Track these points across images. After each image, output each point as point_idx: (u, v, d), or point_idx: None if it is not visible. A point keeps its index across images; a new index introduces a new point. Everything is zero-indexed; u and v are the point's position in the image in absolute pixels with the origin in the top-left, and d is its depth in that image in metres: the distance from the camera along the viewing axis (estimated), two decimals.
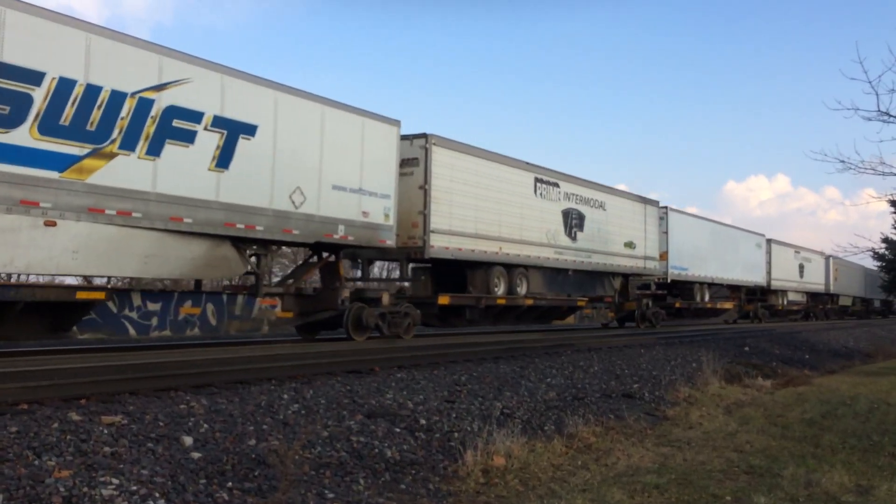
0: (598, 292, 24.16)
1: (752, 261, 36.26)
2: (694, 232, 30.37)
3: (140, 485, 4.95)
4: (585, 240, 22.16)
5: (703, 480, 6.71)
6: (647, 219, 26.18)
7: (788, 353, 20.65)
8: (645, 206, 26.32)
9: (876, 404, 11.81)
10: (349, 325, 14.33)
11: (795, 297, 44.06)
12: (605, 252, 23.23)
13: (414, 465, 6.70)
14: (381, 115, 15.18)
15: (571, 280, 22.11)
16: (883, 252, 39.88)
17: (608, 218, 23.54)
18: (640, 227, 25.58)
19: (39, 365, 8.73)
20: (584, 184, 22.57)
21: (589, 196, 22.68)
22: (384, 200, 15.06)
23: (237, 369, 9.30)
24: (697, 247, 30.43)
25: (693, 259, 29.85)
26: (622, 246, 24.32)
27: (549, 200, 20.63)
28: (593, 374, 12.47)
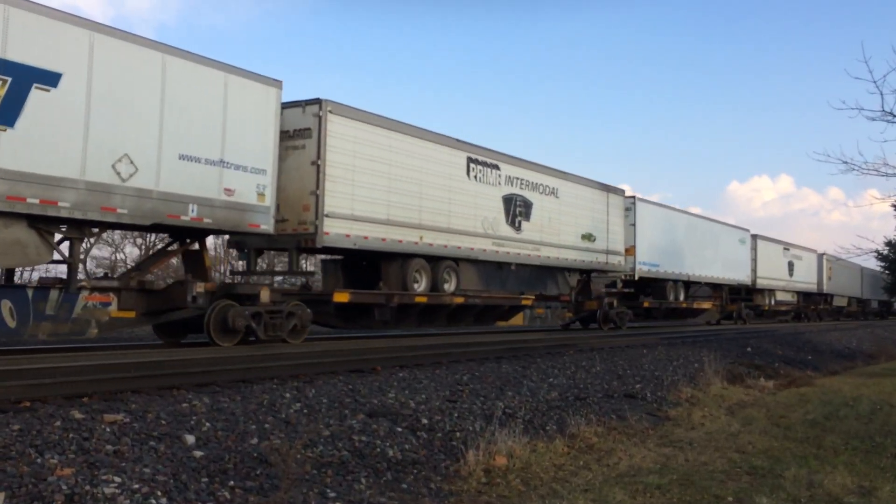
0: (550, 290, 21.68)
1: (735, 257, 33.93)
2: (666, 225, 27.92)
3: (142, 483, 4.96)
4: (533, 230, 19.68)
5: (705, 481, 6.70)
6: (609, 209, 23.60)
7: (791, 354, 20.62)
8: (607, 195, 23.67)
9: (879, 405, 11.79)
10: (210, 327, 11.83)
11: (784, 297, 41.34)
12: (557, 245, 20.72)
13: (416, 464, 6.71)
14: (253, 72, 12.63)
15: (515, 276, 19.63)
16: (886, 253, 39.83)
17: (561, 206, 20.99)
18: (601, 218, 23.08)
19: (42, 363, 8.74)
20: (531, 167, 19.97)
21: (537, 181, 20.04)
22: (258, 177, 12.46)
23: (239, 368, 9.31)
24: (671, 241, 28.04)
25: (666, 255, 27.42)
26: (579, 238, 21.72)
27: (487, 184, 18.13)
28: (595, 374, 12.46)
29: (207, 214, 11.73)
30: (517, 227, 19.12)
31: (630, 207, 25.34)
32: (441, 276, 16.91)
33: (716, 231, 32.61)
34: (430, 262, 16.59)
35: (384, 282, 15.82)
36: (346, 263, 16.74)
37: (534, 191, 19.89)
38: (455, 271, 17.33)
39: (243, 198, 12.24)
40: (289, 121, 13.84)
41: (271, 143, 12.80)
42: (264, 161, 12.63)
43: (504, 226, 18.69)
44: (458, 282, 17.41)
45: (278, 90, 12.99)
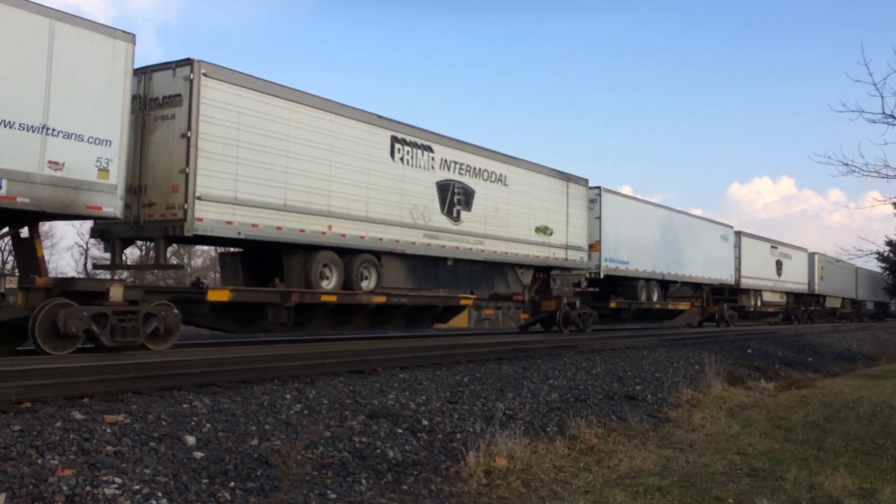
0: (498, 288, 19.66)
1: (717, 256, 31.80)
2: (637, 219, 25.73)
3: (142, 484, 4.96)
4: (475, 222, 17.64)
5: (705, 483, 6.70)
6: (570, 200, 21.46)
7: (791, 356, 20.61)
8: (567, 185, 21.39)
9: (879, 407, 11.78)
10: (36, 332, 9.78)
11: (772, 298, 38.82)
12: (506, 238, 18.64)
13: (416, 465, 6.71)
14: (93, 21, 10.73)
15: (454, 272, 17.54)
16: (887, 255, 39.80)
17: (511, 196, 18.91)
18: (559, 210, 20.92)
19: (42, 364, 8.74)
20: (473, 150, 17.88)
21: (481, 166, 18.02)
22: (99, 148, 10.42)
23: (240, 369, 9.31)
24: (643, 237, 25.90)
25: (637, 251, 25.38)
26: (532, 232, 19.64)
27: (417, 168, 16.03)
28: (596, 375, 12.46)
29: (23, 192, 9.61)
30: (455, 218, 17.07)
31: (595, 199, 23.27)
32: (357, 272, 14.80)
33: (695, 227, 30.56)
34: (344, 255, 14.60)
35: (285, 277, 13.84)
36: (247, 257, 14.61)
37: (476, 177, 17.82)
38: (375, 266, 15.27)
39: (77, 173, 10.16)
40: (158, 86, 11.93)
41: (119, 109, 10.68)
42: (108, 129, 10.53)
43: (439, 215, 16.64)
44: (378, 278, 15.34)
45: (129, 44, 10.86)
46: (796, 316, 43.04)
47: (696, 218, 31.38)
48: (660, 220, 27.47)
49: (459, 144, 17.56)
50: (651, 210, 27.36)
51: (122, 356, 9.89)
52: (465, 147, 17.75)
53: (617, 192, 25.33)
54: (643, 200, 27.53)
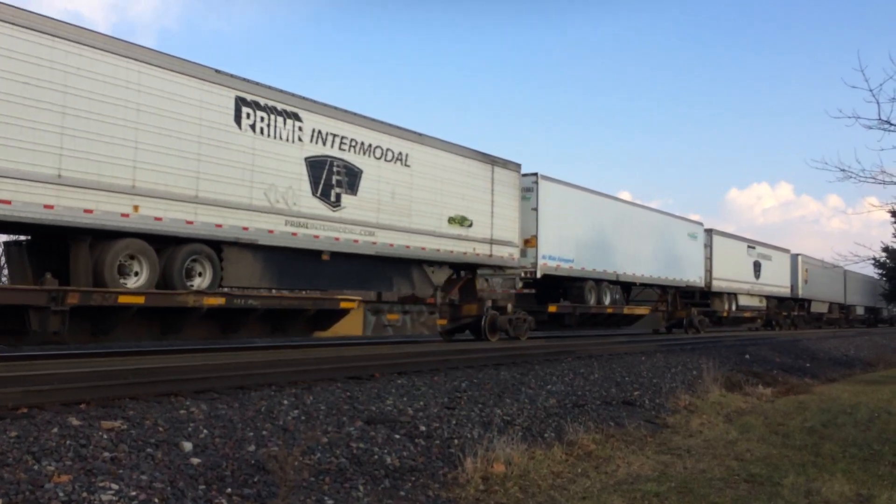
0: (400, 289, 16.84)
1: (684, 255, 29.00)
2: (586, 212, 22.90)
3: (139, 490, 4.95)
4: (363, 208, 14.89)
5: (703, 489, 6.69)
6: (497, 187, 18.52)
7: (789, 362, 20.61)
8: (492, 169, 18.45)
9: (877, 413, 11.78)
10: None
11: (749, 302, 36.10)
12: (406, 229, 15.89)
13: (414, 471, 6.70)
14: None
15: (332, 269, 14.64)
16: (884, 261, 39.84)
17: (415, 179, 16.18)
18: (482, 199, 18.09)
19: (39, 369, 8.73)
20: (361, 122, 14.96)
21: (371, 142, 15.10)
22: None
23: (237, 375, 9.30)
24: (593, 232, 23.12)
25: (585, 248, 22.62)
26: (445, 222, 16.95)
27: (277, 140, 13.22)
28: (594, 381, 12.45)
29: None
30: (333, 203, 14.22)
31: (531, 188, 20.38)
32: (180, 267, 11.89)
33: (658, 223, 27.51)
34: (160, 245, 11.74)
35: (71, 273, 10.95)
36: (33, 247, 11.59)
37: (366, 155, 14.96)
38: (212, 260, 12.35)
39: None
40: None
41: None
42: None
43: (309, 199, 13.82)
44: (216, 275, 12.45)
45: None
46: (778, 322, 40.46)
47: (658, 213, 28.51)
48: (614, 215, 24.66)
49: (340, 114, 14.57)
50: (603, 202, 24.30)
51: (120, 362, 9.87)
52: (349, 117, 14.74)
53: (559, 179, 21.91)
54: (593, 191, 24.01)
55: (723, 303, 33.32)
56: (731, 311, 34.23)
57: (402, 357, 12.88)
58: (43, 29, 10.12)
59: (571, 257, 22.01)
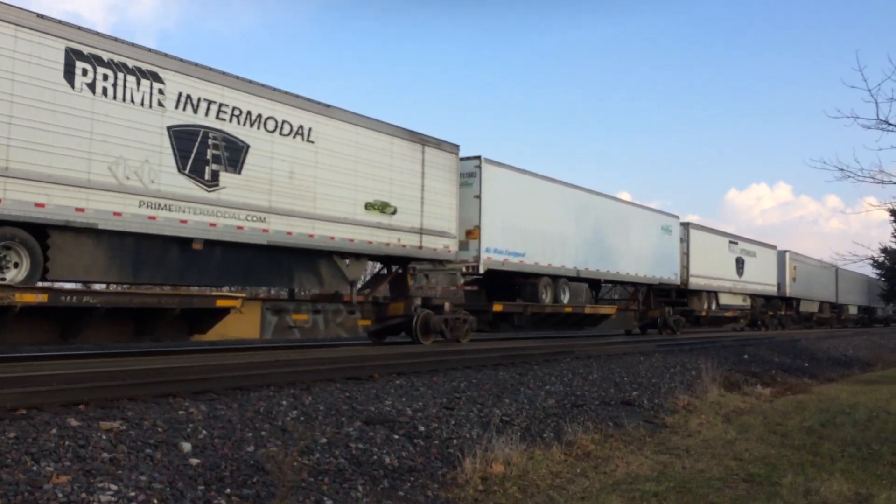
0: (303, 284, 14.82)
1: (656, 250, 26.85)
2: (539, 201, 20.56)
3: (138, 491, 4.95)
4: (251, 189, 12.76)
5: (701, 488, 6.70)
6: (428, 170, 16.46)
7: (788, 362, 20.62)
8: (423, 150, 16.36)
9: (875, 413, 11.79)
10: None
11: (731, 301, 33.99)
12: (310, 215, 13.77)
13: (413, 472, 6.70)
14: None
15: (208, 260, 12.45)
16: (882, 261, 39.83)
17: (321, 157, 14.05)
18: (411, 183, 16.02)
19: (38, 370, 8.73)
20: (248, 88, 12.83)
21: (262, 112, 12.98)
22: None
23: (236, 375, 9.30)
24: (548, 224, 20.82)
25: (538, 241, 20.30)
26: (361, 209, 14.85)
27: (129, 104, 11.14)
28: (592, 381, 12.46)
29: None
30: (209, 182, 12.02)
31: (474, 173, 18.15)
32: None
33: (626, 215, 25.32)
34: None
35: None
36: None
37: (254, 126, 12.84)
38: (28, 247, 10.20)
39: None
40: None
41: None
42: None
43: (174, 176, 11.69)
44: (34, 265, 10.27)
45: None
46: (763, 321, 38.45)
47: (627, 204, 26.22)
48: (574, 205, 22.29)
49: (219, 77, 12.35)
50: (560, 190, 21.73)
51: (118, 363, 9.87)
52: (231, 81, 12.54)
53: (507, 164, 19.50)
54: (548, 178, 21.40)
55: (701, 301, 31.05)
56: (711, 311, 32.03)
57: (401, 357, 12.89)
58: None
59: (522, 251, 19.58)
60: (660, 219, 27.67)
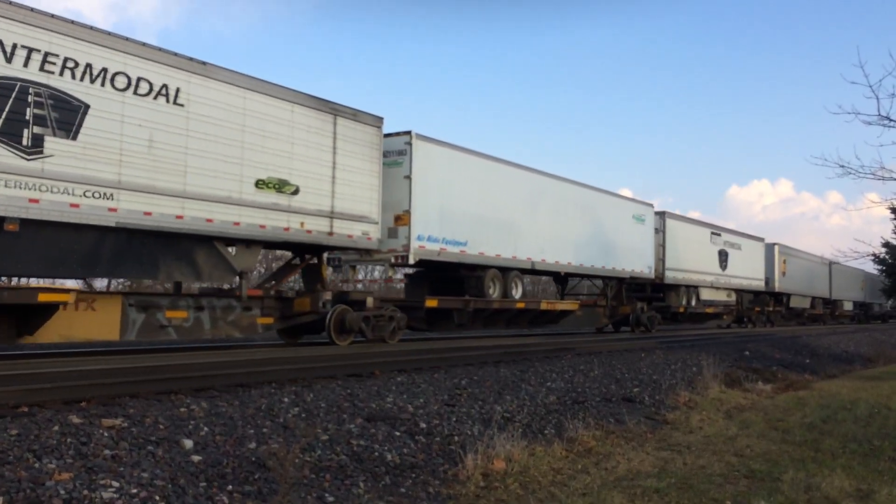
0: (170, 275, 12.36)
1: (627, 241, 24.54)
2: (484, 184, 18.22)
3: (140, 488, 4.96)
4: (91, 160, 10.49)
5: (703, 484, 6.70)
6: (341, 145, 14.08)
7: (789, 358, 20.62)
8: (335, 122, 13.96)
9: (876, 409, 11.80)
10: None
11: (713, 296, 31.60)
12: (177, 193, 11.58)
13: (414, 468, 6.71)
14: None
15: (28, 245, 10.08)
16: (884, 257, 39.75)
17: (192, 124, 11.82)
18: (316, 158, 13.61)
19: (40, 368, 8.74)
20: (89, 36, 10.61)
21: (109, 66, 10.77)
22: None
23: (238, 373, 9.31)
24: (497, 210, 18.53)
25: (483, 229, 18.00)
26: (250, 186, 12.64)
27: None
28: (593, 378, 12.46)
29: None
30: (27, 148, 9.82)
31: (404, 151, 15.94)
32: None
33: (590, 201, 22.75)
34: None
35: None
36: None
37: (96, 83, 10.62)
38: None
39: None
40: None
41: None
42: None
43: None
44: None
45: None
46: (750, 318, 36.43)
47: (592, 190, 23.18)
48: (529, 189, 19.89)
49: (44, 19, 10.11)
50: (511, 173, 19.29)
51: (119, 360, 9.88)
52: (60, 26, 10.30)
53: (445, 142, 17.11)
54: (497, 159, 18.91)
55: (679, 297, 28.60)
56: (691, 307, 29.49)
57: (403, 355, 12.89)
58: None
59: (464, 239, 17.38)
60: (631, 207, 25.21)
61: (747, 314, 35.98)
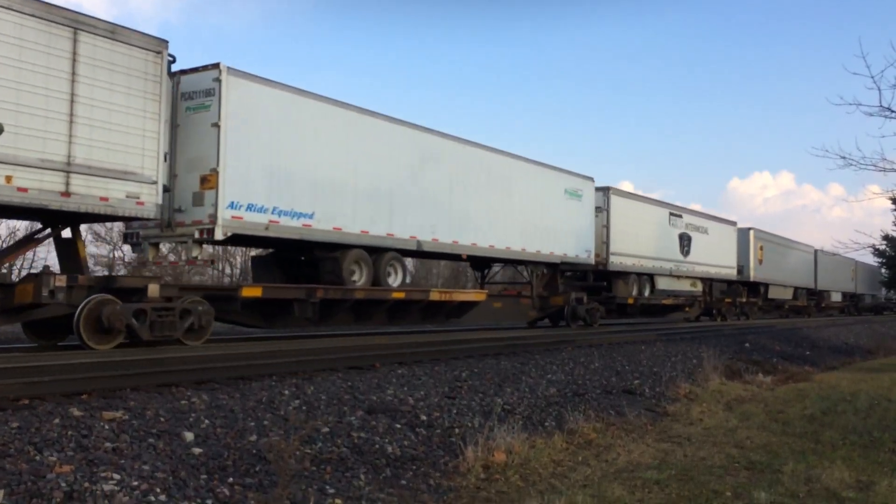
0: None
1: (560, 220, 20.59)
2: (342, 141, 14.36)
3: (141, 480, 4.96)
4: None
5: (703, 476, 6.71)
6: (86, 71, 10.32)
7: (789, 350, 20.64)
8: (75, 37, 10.23)
9: (876, 400, 11.80)
10: None
11: (673, 285, 27.56)
12: None
13: (415, 460, 6.71)
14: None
15: None
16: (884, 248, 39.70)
17: None
18: (37, 85, 9.85)
19: (40, 361, 8.73)
20: None
21: None
22: None
23: (238, 365, 9.31)
24: (357, 173, 14.63)
25: (339, 198, 14.24)
26: None
27: None
28: (594, 370, 12.48)
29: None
30: None
31: (211, 90, 12.21)
32: None
33: (506, 171, 18.70)
34: None
35: None
36: None
37: None
38: None
39: None
40: None
41: None
42: None
43: None
44: None
45: None
46: (720, 310, 32.58)
47: (506, 157, 18.94)
48: (414, 152, 16.05)
49: None
50: (385, 129, 15.39)
51: (120, 353, 9.88)
52: None
53: (275, 81, 13.29)
54: (363, 111, 14.98)
55: (628, 286, 24.69)
56: (643, 297, 25.57)
57: (403, 347, 12.89)
58: None
59: (309, 210, 13.59)
60: (563, 180, 21.05)
61: (717, 306, 32.45)
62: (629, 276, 24.90)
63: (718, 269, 31.38)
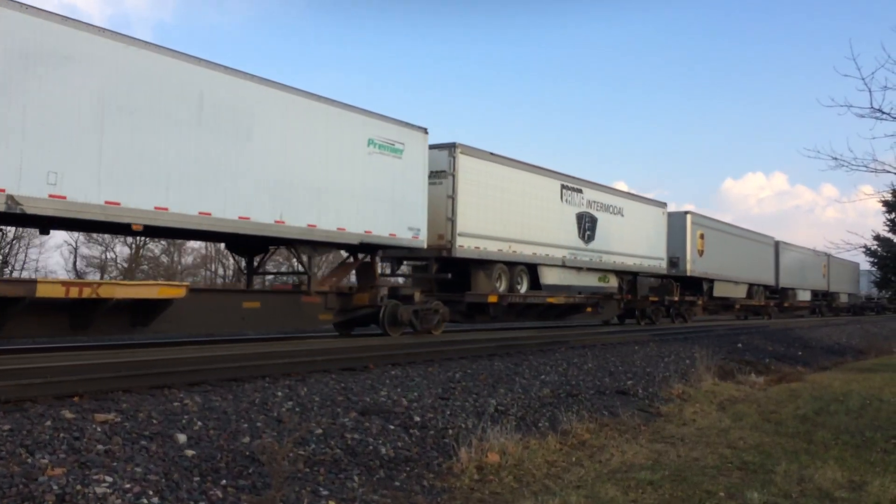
0: None
1: (360, 185, 14.53)
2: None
3: (133, 482, 4.94)
4: None
5: (696, 476, 6.72)
6: None
7: (781, 350, 20.71)
8: None
9: (868, 400, 11.85)
10: None
11: (569, 279, 21.50)
12: None
13: (408, 462, 6.71)
14: None
15: None
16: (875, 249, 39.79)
17: None
18: None
19: (32, 363, 8.69)
20: None
21: None
22: None
23: (231, 367, 9.28)
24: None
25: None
26: None
27: None
28: (587, 370, 12.49)
29: None
30: None
31: None
32: None
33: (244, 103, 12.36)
34: None
35: None
36: None
37: None
38: None
39: None
40: None
41: None
42: None
43: None
44: None
45: None
46: (644, 311, 26.27)
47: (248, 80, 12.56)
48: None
49: None
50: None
51: (112, 355, 9.84)
52: None
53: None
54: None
55: (490, 279, 18.40)
56: (514, 295, 19.20)
57: (397, 348, 12.88)
58: None
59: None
60: (366, 125, 14.84)
61: (640, 306, 26.18)
62: (493, 265, 18.58)
63: (640, 259, 25.20)
